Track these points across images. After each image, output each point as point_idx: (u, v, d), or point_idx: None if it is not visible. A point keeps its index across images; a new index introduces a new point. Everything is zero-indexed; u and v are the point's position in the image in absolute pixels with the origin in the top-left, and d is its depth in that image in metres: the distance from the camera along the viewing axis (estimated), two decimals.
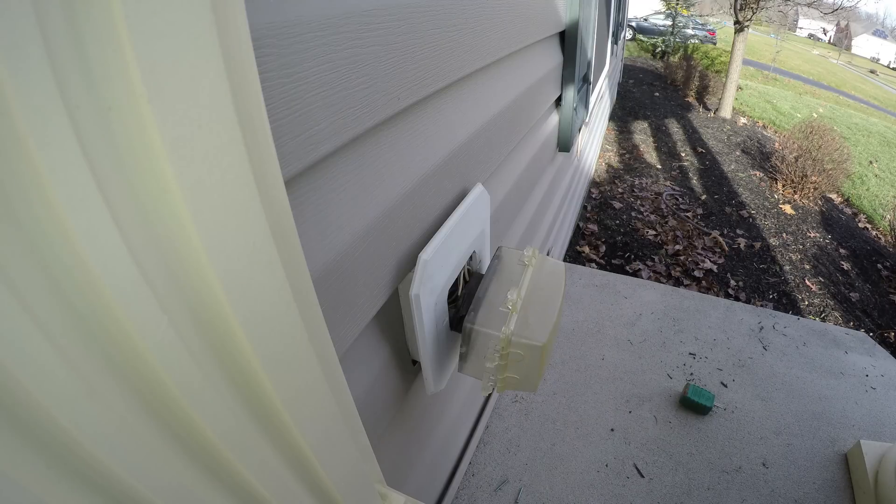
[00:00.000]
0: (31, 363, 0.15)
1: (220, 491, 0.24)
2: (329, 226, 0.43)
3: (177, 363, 0.19)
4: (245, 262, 0.21)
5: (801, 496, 1.22)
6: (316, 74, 0.37)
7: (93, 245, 0.15)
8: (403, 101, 0.52)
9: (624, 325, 1.80)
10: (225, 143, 0.19)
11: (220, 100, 0.18)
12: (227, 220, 0.20)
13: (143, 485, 0.19)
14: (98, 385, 0.17)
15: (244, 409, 0.24)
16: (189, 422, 0.20)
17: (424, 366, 0.63)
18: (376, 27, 0.45)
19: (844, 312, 3.06)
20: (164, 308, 0.18)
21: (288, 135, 0.35)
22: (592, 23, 1.82)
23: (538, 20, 1.08)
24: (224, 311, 0.20)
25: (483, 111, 0.81)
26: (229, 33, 0.18)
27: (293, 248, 0.26)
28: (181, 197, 0.17)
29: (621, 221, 3.65)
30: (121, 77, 0.15)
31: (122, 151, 0.16)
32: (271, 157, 0.22)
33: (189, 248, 0.18)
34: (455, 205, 0.70)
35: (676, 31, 12.05)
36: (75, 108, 0.14)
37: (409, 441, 0.76)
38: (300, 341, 0.26)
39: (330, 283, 0.43)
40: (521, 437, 1.32)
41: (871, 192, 5.55)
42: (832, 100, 12.29)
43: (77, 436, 0.16)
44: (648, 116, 6.76)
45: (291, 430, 0.27)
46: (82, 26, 0.14)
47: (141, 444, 0.19)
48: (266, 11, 0.32)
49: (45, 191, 0.14)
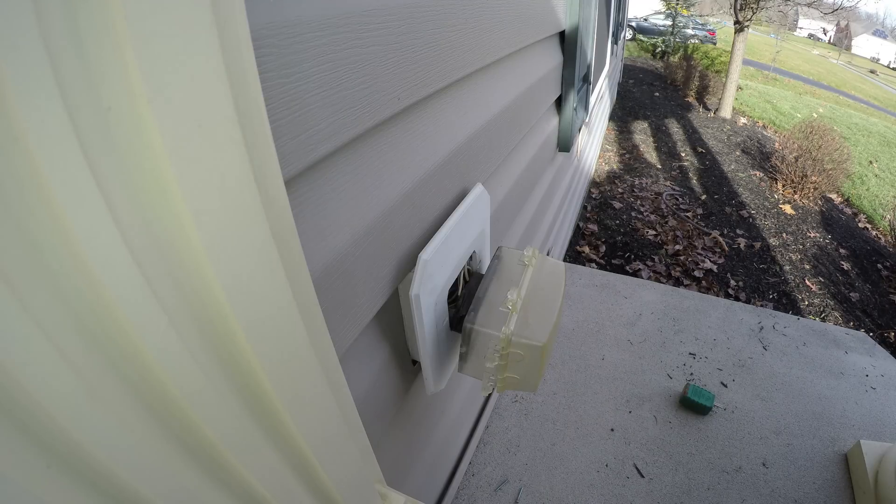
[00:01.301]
0: (32, 363, 0.15)
1: (220, 491, 0.24)
2: (329, 226, 0.42)
3: (177, 363, 0.19)
4: (245, 262, 0.21)
5: (801, 496, 1.22)
6: (316, 74, 0.37)
7: (93, 245, 0.15)
8: (403, 101, 0.52)
9: (624, 325, 1.80)
10: (225, 143, 0.19)
11: (220, 100, 0.18)
12: (227, 220, 0.20)
13: (143, 485, 0.19)
14: (98, 385, 0.17)
15: (244, 409, 0.24)
16: (189, 422, 0.20)
17: (424, 366, 0.63)
18: (376, 27, 0.45)
19: (844, 312, 3.06)
20: (164, 308, 0.18)
21: (288, 135, 0.35)
22: (592, 23, 1.82)
23: (538, 20, 1.08)
24: (224, 312, 0.20)
25: (483, 111, 0.80)
26: (229, 33, 0.18)
27: (293, 248, 0.26)
28: (181, 197, 0.17)
29: (621, 221, 3.65)
30: (121, 77, 0.15)
31: (122, 151, 0.16)
32: (271, 157, 0.22)
33: (189, 248, 0.18)
34: (455, 205, 0.70)
35: (676, 31, 12.05)
36: (75, 108, 0.14)
37: (409, 441, 0.76)
38: (300, 341, 0.26)
39: (330, 283, 0.43)
40: (521, 437, 1.32)
41: (871, 192, 5.55)
42: (832, 100, 12.29)
43: (77, 436, 0.16)
44: (648, 116, 6.76)
45: (291, 430, 0.27)
46: (82, 26, 0.14)
47: (141, 444, 0.19)
48: (266, 11, 0.32)
49: (45, 191, 0.14)
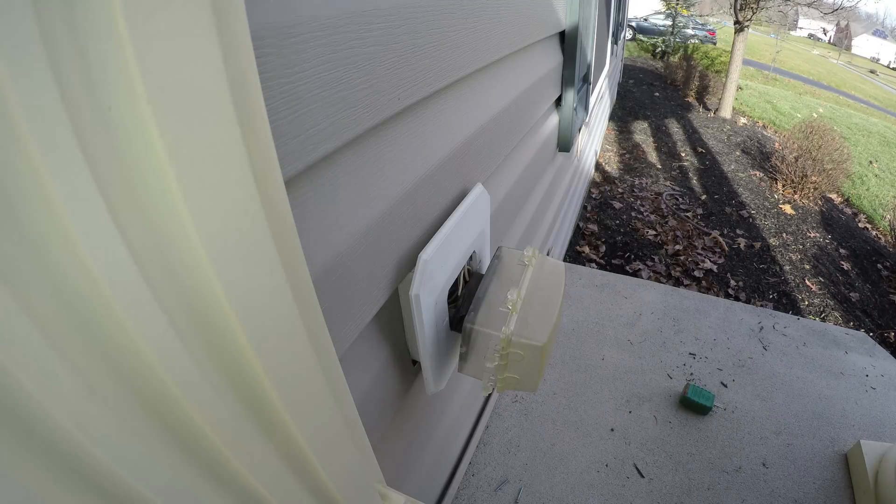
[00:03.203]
0: (32, 363, 0.15)
1: (219, 491, 0.24)
2: (329, 226, 0.42)
3: (177, 363, 0.19)
4: (245, 262, 0.21)
5: (801, 496, 1.22)
6: (316, 74, 0.37)
7: (93, 245, 0.15)
8: (403, 101, 0.52)
9: (624, 325, 1.80)
10: (225, 143, 0.19)
11: (220, 100, 0.18)
12: (227, 220, 0.20)
13: (143, 485, 0.19)
14: (98, 385, 0.17)
15: (244, 409, 0.24)
16: (189, 422, 0.20)
17: (424, 366, 0.63)
18: (376, 27, 0.45)
19: (844, 312, 3.06)
20: (164, 308, 0.18)
21: (288, 135, 0.35)
22: (592, 23, 1.82)
23: (538, 20, 1.08)
24: (224, 312, 0.20)
25: (483, 111, 0.80)
26: (229, 33, 0.18)
27: (293, 248, 0.26)
28: (181, 197, 0.17)
29: (621, 221, 3.65)
30: (121, 77, 0.15)
31: (122, 151, 0.16)
32: (271, 157, 0.22)
33: (189, 247, 0.18)
34: (455, 205, 0.70)
35: (676, 31, 12.05)
36: (75, 108, 0.14)
37: (409, 441, 0.76)
38: (300, 341, 0.26)
39: (330, 283, 0.43)
40: (521, 437, 1.32)
41: (871, 192, 5.55)
42: (832, 100, 12.29)
43: (77, 436, 0.16)
44: (648, 116, 6.75)
45: (291, 430, 0.27)
46: (82, 26, 0.14)
47: (141, 444, 0.19)
48: (266, 11, 0.32)
49: (45, 191, 0.14)
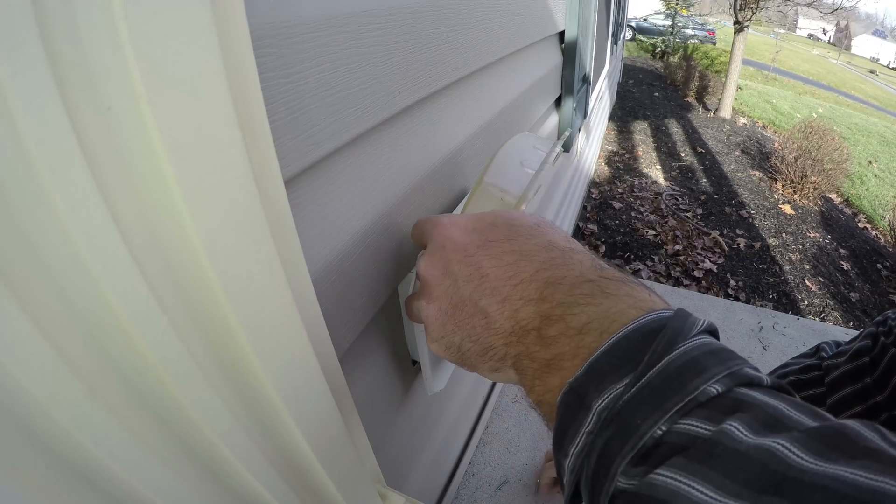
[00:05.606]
0: (31, 363, 0.15)
1: (219, 490, 0.24)
2: (329, 226, 0.42)
3: (177, 363, 0.19)
4: (245, 262, 0.21)
5: None
6: (316, 74, 0.37)
7: (93, 245, 0.15)
8: (403, 101, 0.52)
9: None
10: (225, 143, 0.19)
11: (219, 100, 0.18)
12: (226, 220, 0.20)
13: (143, 485, 0.19)
14: (98, 385, 0.17)
15: (244, 409, 0.24)
16: (189, 422, 0.21)
17: (424, 366, 0.63)
18: (377, 27, 0.45)
19: (844, 312, 3.06)
20: (164, 308, 0.18)
21: (288, 135, 0.35)
22: (592, 23, 1.82)
23: (538, 20, 1.08)
24: (224, 311, 0.20)
25: (483, 111, 0.81)
26: (229, 33, 0.18)
27: (293, 248, 0.26)
28: (181, 197, 0.17)
29: (621, 221, 3.65)
30: (121, 77, 0.15)
31: (122, 151, 0.16)
32: (271, 157, 0.22)
33: (189, 247, 0.18)
34: (455, 205, 0.70)
35: (676, 31, 12.05)
36: (75, 108, 0.14)
37: (409, 441, 0.76)
38: (300, 341, 0.26)
39: (329, 283, 0.43)
40: (521, 437, 1.32)
41: (870, 192, 5.55)
42: (832, 100, 12.29)
43: (77, 435, 0.16)
44: (648, 116, 6.76)
45: (291, 430, 0.27)
46: (82, 26, 0.14)
47: (141, 444, 0.19)
48: (266, 11, 0.32)
49: (45, 191, 0.14)
